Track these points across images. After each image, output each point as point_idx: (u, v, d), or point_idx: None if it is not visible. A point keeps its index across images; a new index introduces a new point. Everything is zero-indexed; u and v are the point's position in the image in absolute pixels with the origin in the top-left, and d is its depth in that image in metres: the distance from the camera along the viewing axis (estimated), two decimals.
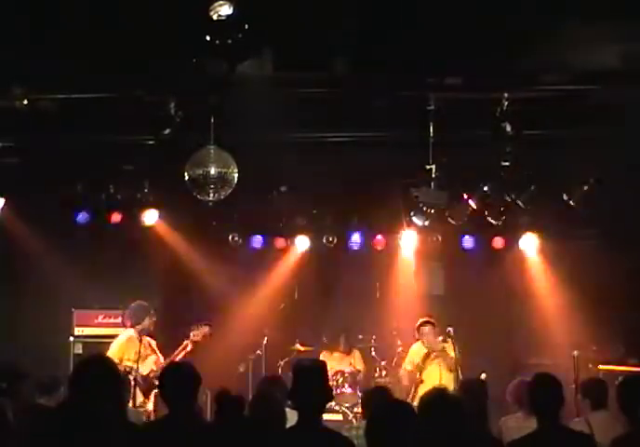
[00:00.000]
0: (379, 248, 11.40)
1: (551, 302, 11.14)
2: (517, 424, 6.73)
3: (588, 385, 7.31)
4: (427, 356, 10.00)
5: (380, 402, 5.69)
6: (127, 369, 8.94)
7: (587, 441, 5.48)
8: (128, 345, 9.32)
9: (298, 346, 11.05)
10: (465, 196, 9.79)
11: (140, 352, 9.18)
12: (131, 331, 9.50)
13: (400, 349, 10.81)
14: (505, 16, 6.75)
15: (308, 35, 6.95)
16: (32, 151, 9.61)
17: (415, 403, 6.62)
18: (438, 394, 5.26)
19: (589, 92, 8.12)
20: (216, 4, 6.39)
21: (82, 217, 10.74)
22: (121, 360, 9.08)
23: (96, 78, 7.80)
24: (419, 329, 10.08)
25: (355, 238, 11.37)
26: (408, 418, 4.66)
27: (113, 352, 9.17)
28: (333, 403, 9.84)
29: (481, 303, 11.19)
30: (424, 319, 10.10)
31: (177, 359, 9.18)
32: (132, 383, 8.78)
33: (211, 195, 8.24)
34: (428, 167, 8.99)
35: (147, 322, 9.51)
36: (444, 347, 9.80)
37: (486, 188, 9.87)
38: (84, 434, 4.54)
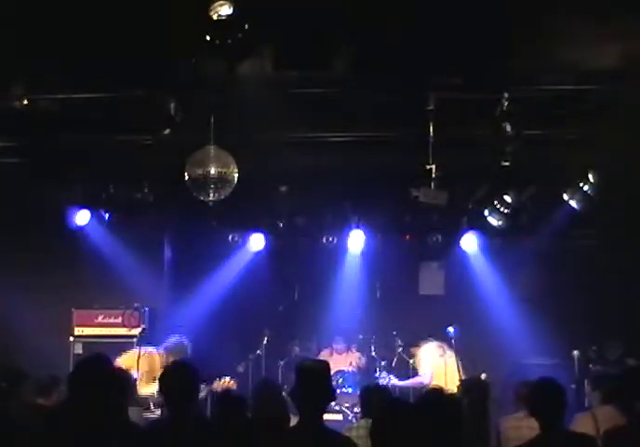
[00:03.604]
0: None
1: (550, 301, 11.14)
2: (516, 424, 6.72)
3: (600, 377, 7.32)
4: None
5: (382, 402, 5.70)
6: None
7: (590, 444, 5.50)
8: (145, 360, 9.18)
9: (296, 347, 11.07)
10: None
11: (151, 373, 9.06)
12: (157, 353, 9.39)
13: (400, 349, 10.80)
14: (505, 16, 6.74)
15: (308, 35, 6.95)
16: (32, 151, 9.61)
17: None
18: (437, 394, 5.27)
19: (589, 92, 8.12)
20: (216, 4, 6.39)
21: (82, 217, 10.74)
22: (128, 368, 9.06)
23: (96, 78, 7.80)
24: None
25: (355, 238, 11.36)
26: (411, 418, 4.67)
27: (125, 357, 9.17)
28: (333, 403, 9.84)
29: (481, 303, 11.20)
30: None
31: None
32: None
33: (211, 195, 8.23)
34: (428, 167, 8.98)
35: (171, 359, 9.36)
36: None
37: (485, 188, 9.89)
38: (83, 434, 4.54)
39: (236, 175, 8.16)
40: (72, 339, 10.89)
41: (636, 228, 10.30)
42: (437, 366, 9.83)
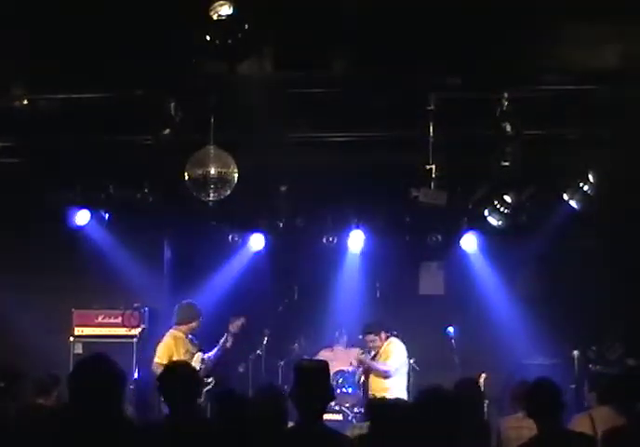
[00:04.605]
0: None
1: (550, 301, 11.14)
2: (516, 424, 6.72)
3: (598, 378, 7.32)
4: None
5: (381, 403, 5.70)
6: None
7: (588, 443, 5.50)
8: (177, 344, 9.38)
9: (296, 347, 11.08)
10: None
11: (189, 350, 9.35)
12: (176, 331, 9.54)
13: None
14: (505, 16, 6.74)
15: (308, 35, 6.95)
16: (32, 151, 9.61)
17: None
18: (436, 392, 5.26)
19: (589, 92, 8.12)
20: (216, 4, 6.39)
21: (81, 217, 10.74)
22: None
23: (96, 78, 7.80)
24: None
25: (355, 238, 11.35)
26: (410, 417, 4.67)
27: (161, 354, 9.24)
28: (333, 403, 9.84)
29: (481, 303, 11.20)
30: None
31: (212, 356, 9.48)
32: None
33: (211, 195, 8.24)
34: (428, 167, 8.98)
35: (194, 324, 9.55)
36: None
37: (485, 188, 9.89)
38: (83, 434, 4.54)
39: (236, 175, 8.16)
40: (72, 339, 10.88)
41: (636, 228, 10.30)
42: (403, 364, 9.97)
